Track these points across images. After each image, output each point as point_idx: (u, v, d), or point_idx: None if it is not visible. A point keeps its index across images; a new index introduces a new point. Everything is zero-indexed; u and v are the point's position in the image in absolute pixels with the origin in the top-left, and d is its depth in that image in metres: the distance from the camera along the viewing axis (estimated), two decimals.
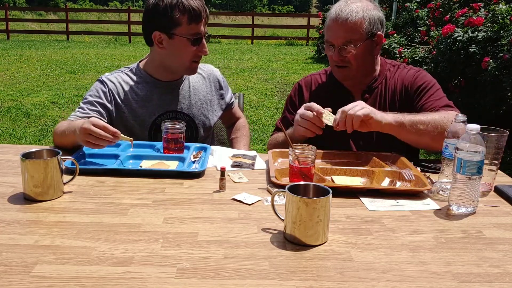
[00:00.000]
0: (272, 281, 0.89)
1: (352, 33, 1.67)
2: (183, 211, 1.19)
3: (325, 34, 1.75)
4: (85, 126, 1.43)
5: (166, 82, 1.87)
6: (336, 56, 1.71)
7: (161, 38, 1.73)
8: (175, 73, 1.86)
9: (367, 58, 1.74)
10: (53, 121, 5.70)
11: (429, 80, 1.77)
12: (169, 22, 1.69)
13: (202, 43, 1.76)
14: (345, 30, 1.67)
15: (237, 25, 20.75)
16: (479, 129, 1.20)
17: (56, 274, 0.89)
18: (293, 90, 1.94)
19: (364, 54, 1.71)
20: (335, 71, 1.78)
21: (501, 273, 0.95)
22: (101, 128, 1.43)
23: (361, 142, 1.77)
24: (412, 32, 6.65)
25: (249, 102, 7.01)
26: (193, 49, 1.74)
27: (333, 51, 1.71)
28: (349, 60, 1.70)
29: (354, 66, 1.71)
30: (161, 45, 1.75)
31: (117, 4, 45.96)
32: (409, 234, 1.11)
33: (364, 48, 1.69)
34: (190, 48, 1.73)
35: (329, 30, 1.72)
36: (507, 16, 3.77)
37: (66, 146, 1.61)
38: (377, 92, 1.80)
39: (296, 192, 1.05)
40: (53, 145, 1.70)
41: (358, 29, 1.67)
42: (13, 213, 1.16)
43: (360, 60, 1.71)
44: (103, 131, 1.43)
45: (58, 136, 1.65)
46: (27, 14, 25.19)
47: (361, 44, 1.68)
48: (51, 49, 13.63)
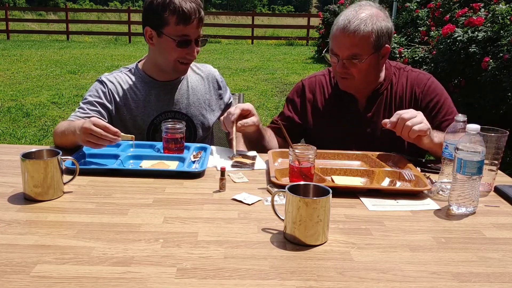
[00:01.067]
0: (272, 281, 0.89)
1: (358, 47, 1.62)
2: (183, 211, 1.19)
3: (330, 41, 1.71)
4: (86, 126, 1.43)
5: (164, 82, 1.87)
6: (339, 68, 1.67)
7: (152, 34, 1.76)
8: (166, 72, 1.85)
9: (371, 71, 1.71)
10: (53, 121, 5.69)
11: (440, 92, 1.76)
12: (159, 20, 1.71)
13: (191, 46, 1.74)
14: (351, 43, 1.62)
15: (237, 25, 20.74)
16: (479, 129, 1.20)
17: (56, 274, 0.89)
18: (295, 88, 1.92)
19: (368, 68, 1.67)
20: (338, 80, 1.77)
21: (501, 273, 0.95)
22: (102, 127, 1.43)
23: (363, 143, 1.77)
24: (412, 32, 6.65)
25: (249, 102, 7.00)
26: (178, 50, 1.73)
27: (337, 61, 1.68)
28: (351, 72, 1.67)
29: (357, 79, 1.69)
30: (151, 41, 1.78)
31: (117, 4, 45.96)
32: (409, 234, 1.11)
33: (369, 62, 1.66)
34: (175, 49, 1.73)
35: (335, 40, 1.67)
36: (507, 16, 3.77)
37: (66, 146, 1.61)
38: (382, 98, 1.79)
39: (296, 192, 1.05)
40: (53, 145, 1.70)
41: (364, 43, 1.62)
42: (13, 213, 1.16)
43: (363, 74, 1.68)
44: (104, 130, 1.43)
45: (58, 136, 1.65)
46: (27, 14, 25.19)
47: (366, 58, 1.64)
48: (51, 49, 13.63)
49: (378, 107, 1.78)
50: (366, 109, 1.79)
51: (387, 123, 1.51)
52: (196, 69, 1.98)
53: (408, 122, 1.46)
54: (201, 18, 1.73)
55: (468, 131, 1.20)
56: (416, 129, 1.46)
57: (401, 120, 1.47)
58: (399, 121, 1.47)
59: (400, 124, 1.47)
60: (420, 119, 1.48)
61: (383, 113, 1.78)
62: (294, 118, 1.88)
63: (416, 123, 1.46)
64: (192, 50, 1.75)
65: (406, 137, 1.49)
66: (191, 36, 1.72)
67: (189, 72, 1.95)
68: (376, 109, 1.79)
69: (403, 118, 1.47)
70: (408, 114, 1.48)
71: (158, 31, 1.73)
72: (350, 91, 1.78)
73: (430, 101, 1.75)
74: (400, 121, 1.47)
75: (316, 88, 1.87)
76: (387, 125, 1.50)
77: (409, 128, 1.46)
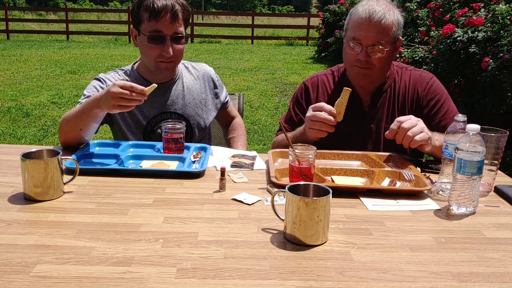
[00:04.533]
0: (272, 281, 0.89)
1: (383, 34, 1.64)
2: (183, 211, 1.19)
3: (350, 31, 1.70)
4: (113, 90, 1.43)
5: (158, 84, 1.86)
6: (363, 56, 1.66)
7: (136, 34, 1.79)
8: (154, 73, 1.83)
9: (389, 62, 1.73)
10: (53, 121, 5.69)
11: (441, 92, 1.78)
12: (137, 19, 1.74)
13: (165, 43, 1.72)
14: (377, 30, 1.64)
15: (237, 25, 20.76)
16: (479, 129, 1.20)
17: (56, 274, 0.89)
18: (299, 90, 1.92)
19: (388, 58, 1.69)
20: (355, 70, 1.73)
21: (501, 273, 0.95)
22: (128, 88, 1.43)
23: (368, 141, 1.77)
24: (412, 32, 6.65)
25: (249, 102, 7.01)
26: (153, 47, 1.72)
27: (360, 49, 1.67)
28: (373, 61, 1.67)
29: (377, 69, 1.69)
30: (135, 41, 1.81)
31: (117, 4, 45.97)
32: (409, 234, 1.11)
33: (389, 52, 1.68)
34: (149, 46, 1.72)
35: (359, 28, 1.66)
36: (507, 16, 3.77)
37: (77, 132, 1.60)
38: (385, 96, 1.79)
39: (296, 192, 1.05)
40: (52, 145, 1.69)
41: (388, 32, 1.65)
42: (13, 213, 1.16)
43: (383, 63, 1.69)
44: (130, 91, 1.43)
45: (70, 121, 1.61)
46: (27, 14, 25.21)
47: (389, 48, 1.66)
48: (51, 49, 13.63)
49: (382, 105, 1.79)
50: (370, 107, 1.80)
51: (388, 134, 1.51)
52: (191, 69, 1.98)
53: (409, 132, 1.46)
54: (175, 14, 1.70)
55: (468, 131, 1.20)
56: (418, 139, 1.46)
57: (401, 130, 1.47)
58: (399, 131, 1.48)
59: (401, 134, 1.48)
60: (421, 128, 1.48)
61: (386, 111, 1.79)
62: (303, 119, 1.87)
63: (417, 132, 1.47)
64: (167, 47, 1.72)
65: (406, 146, 1.49)
66: (164, 31, 1.70)
67: (184, 72, 1.95)
68: (380, 107, 1.80)
69: (404, 128, 1.47)
70: (408, 123, 1.48)
71: (137, 29, 1.76)
72: (363, 82, 1.77)
73: (431, 100, 1.76)
74: (401, 131, 1.48)
75: (319, 88, 1.87)
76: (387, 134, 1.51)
77: (410, 138, 1.47)
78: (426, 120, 1.66)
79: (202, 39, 17.82)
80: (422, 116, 1.72)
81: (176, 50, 1.76)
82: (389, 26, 1.64)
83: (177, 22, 1.72)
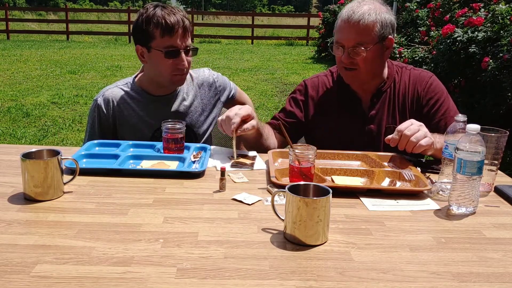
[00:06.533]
0: (272, 281, 0.89)
1: (363, 35, 1.65)
2: (183, 211, 1.19)
3: (335, 34, 1.73)
4: None
5: (160, 97, 1.88)
6: (345, 58, 1.68)
7: (143, 51, 1.79)
8: (164, 87, 1.86)
9: (376, 62, 1.72)
10: (53, 121, 5.69)
11: (441, 91, 1.78)
12: (146, 36, 1.73)
13: (180, 56, 1.75)
14: (356, 32, 1.65)
15: (237, 25, 20.76)
16: (479, 129, 1.20)
17: (56, 274, 0.89)
18: (297, 88, 1.92)
19: (373, 58, 1.69)
20: (343, 73, 1.76)
21: (501, 273, 0.95)
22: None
23: (368, 141, 1.77)
24: (412, 32, 6.65)
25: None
26: (170, 61, 1.74)
27: (343, 52, 1.69)
28: (357, 63, 1.68)
29: (362, 69, 1.69)
30: (143, 59, 1.81)
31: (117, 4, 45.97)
32: (409, 234, 1.11)
33: (374, 52, 1.67)
34: (166, 61, 1.74)
35: (340, 31, 1.69)
36: (507, 16, 3.77)
37: None
38: (385, 96, 1.79)
39: (296, 192, 1.05)
40: (52, 145, 1.69)
41: (369, 31, 1.65)
42: (13, 213, 1.16)
43: (369, 64, 1.69)
44: None
45: None
46: (27, 14, 25.22)
47: (371, 47, 1.66)
48: (51, 49, 13.63)
49: (382, 105, 1.79)
50: (370, 108, 1.80)
51: (389, 139, 1.51)
52: (192, 77, 1.99)
53: (413, 138, 1.46)
54: (186, 28, 1.74)
55: (468, 131, 1.20)
56: (423, 144, 1.46)
57: (404, 137, 1.47)
58: (402, 137, 1.47)
59: (404, 141, 1.47)
60: (424, 133, 1.48)
61: (387, 111, 1.79)
62: (296, 113, 1.87)
63: (420, 138, 1.47)
64: (182, 60, 1.75)
65: (410, 151, 1.49)
66: (178, 46, 1.73)
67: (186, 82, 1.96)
68: (380, 107, 1.80)
69: (406, 135, 1.47)
70: (410, 130, 1.47)
71: (147, 46, 1.75)
72: (355, 84, 1.78)
73: (430, 99, 1.76)
74: (403, 138, 1.47)
75: (319, 88, 1.87)
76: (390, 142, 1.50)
77: (414, 144, 1.46)
78: (426, 119, 1.66)
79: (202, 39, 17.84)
80: (422, 115, 1.73)
81: (188, 62, 1.79)
82: (368, 26, 1.64)
83: (187, 35, 1.76)
